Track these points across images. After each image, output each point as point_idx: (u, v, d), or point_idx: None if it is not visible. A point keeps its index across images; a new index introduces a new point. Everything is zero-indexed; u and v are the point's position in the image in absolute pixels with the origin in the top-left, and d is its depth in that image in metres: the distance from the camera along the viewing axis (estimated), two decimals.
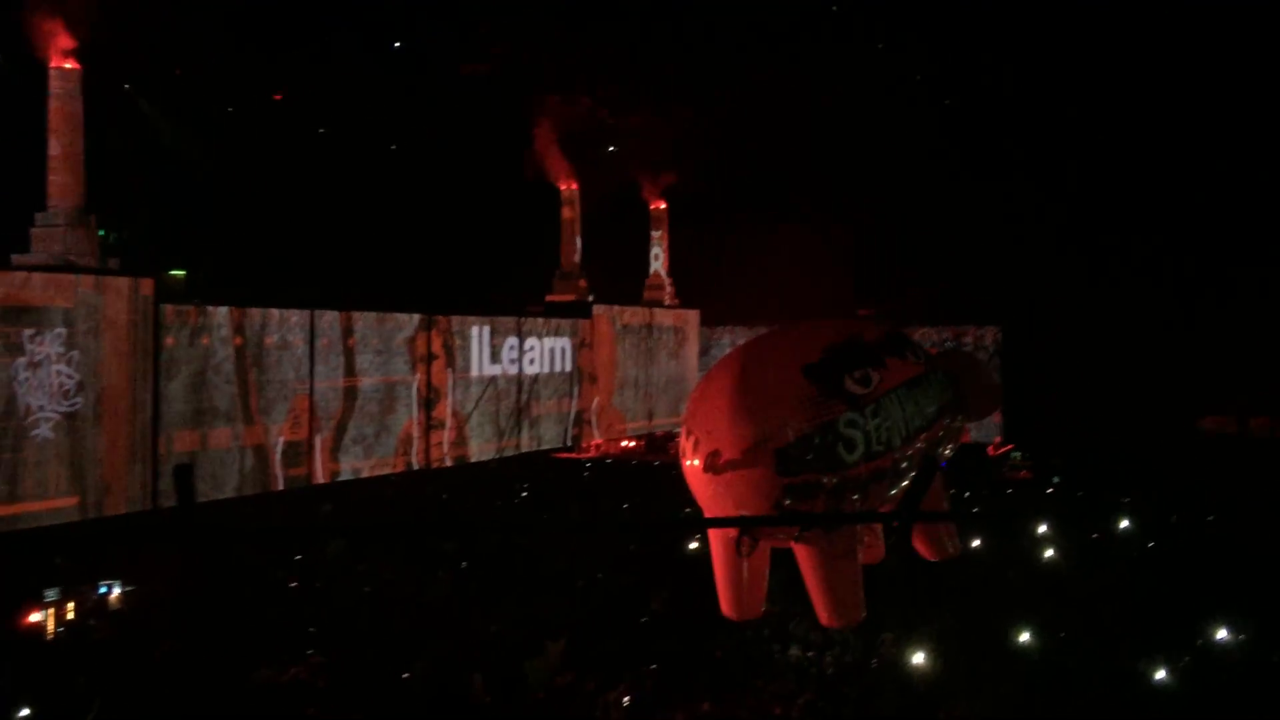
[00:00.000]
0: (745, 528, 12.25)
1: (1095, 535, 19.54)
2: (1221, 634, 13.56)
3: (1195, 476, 23.67)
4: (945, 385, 13.68)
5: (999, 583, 16.28)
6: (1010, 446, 29.81)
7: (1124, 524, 19.53)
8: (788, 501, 11.83)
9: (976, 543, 18.28)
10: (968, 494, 22.10)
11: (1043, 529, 18.81)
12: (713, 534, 13.33)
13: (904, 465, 12.76)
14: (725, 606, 13.17)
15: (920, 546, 14.62)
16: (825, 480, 11.89)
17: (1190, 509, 21.48)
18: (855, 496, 12.18)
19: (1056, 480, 25.77)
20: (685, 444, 12.62)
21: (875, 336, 13.17)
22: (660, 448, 32.16)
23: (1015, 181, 29.59)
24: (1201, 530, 19.09)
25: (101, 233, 19.95)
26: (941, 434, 13.58)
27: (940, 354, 14.51)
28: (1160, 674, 12.31)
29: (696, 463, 12.26)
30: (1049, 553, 17.85)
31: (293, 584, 16.59)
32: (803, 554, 12.70)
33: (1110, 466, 24.33)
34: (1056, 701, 11.37)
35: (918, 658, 12.32)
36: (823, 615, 12.81)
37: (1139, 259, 27.81)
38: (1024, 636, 13.37)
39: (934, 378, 13.46)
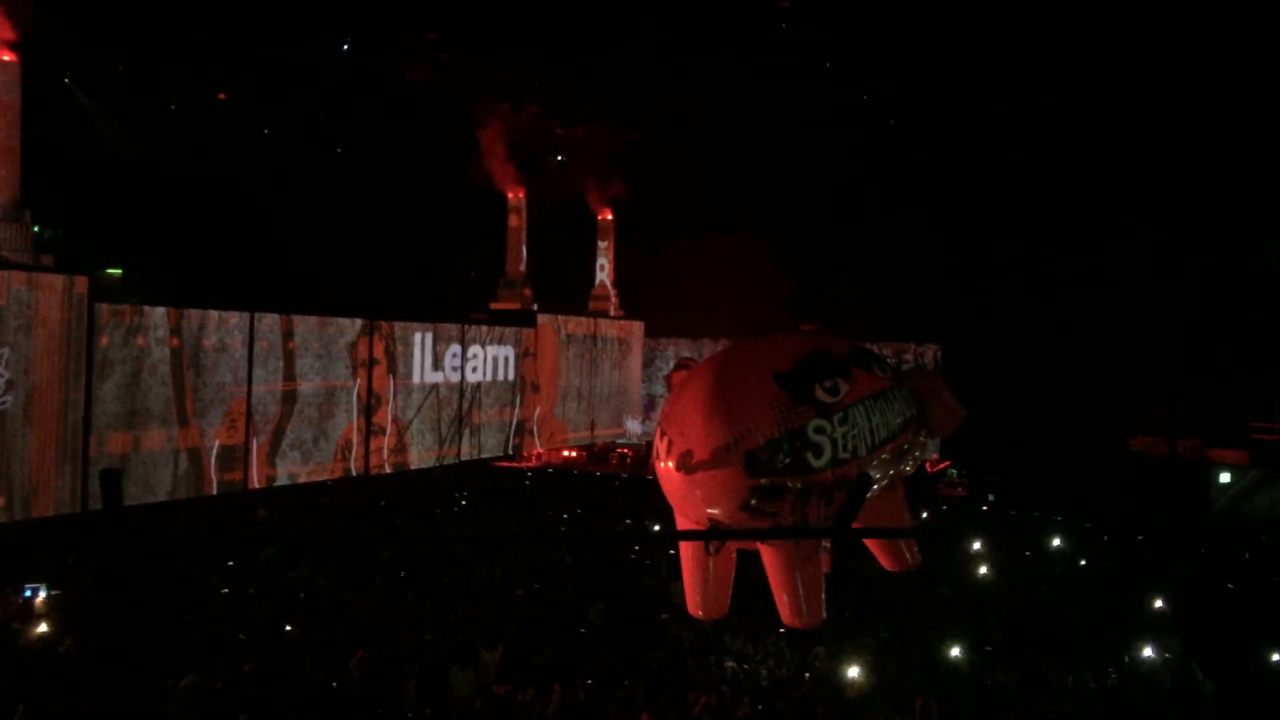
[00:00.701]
0: (714, 528, 12.56)
1: (1027, 553, 19.86)
2: (1147, 652, 13.82)
3: (1126, 496, 24.20)
4: (910, 401, 14.04)
5: (932, 598, 16.47)
6: (947, 464, 30.24)
7: (1055, 542, 19.88)
8: (754, 502, 12.15)
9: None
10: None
11: (976, 546, 19.10)
12: (683, 527, 13.60)
13: (870, 474, 13.16)
14: (692, 605, 13.64)
15: (881, 556, 15.00)
16: (792, 484, 12.23)
17: (1120, 528, 21.93)
18: (821, 501, 12.49)
19: (991, 498, 26.17)
20: (659, 444, 12.93)
21: (842, 350, 13.56)
22: (602, 458, 32.18)
23: (957, 201, 30.05)
24: (1131, 549, 19.47)
25: (36, 229, 19.59)
26: (905, 447, 13.94)
27: (906, 371, 14.90)
28: (1086, 689, 12.53)
29: (670, 463, 12.52)
30: (982, 569, 18.09)
31: (224, 590, 16.33)
32: (769, 555, 13.14)
33: (1043, 485, 24.75)
34: (984, 713, 11.52)
35: (851, 671, 12.42)
36: (786, 615, 13.26)
37: (1077, 281, 28.35)
38: (954, 651, 13.54)
39: (899, 393, 13.81)
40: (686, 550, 13.52)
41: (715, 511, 12.51)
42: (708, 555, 13.05)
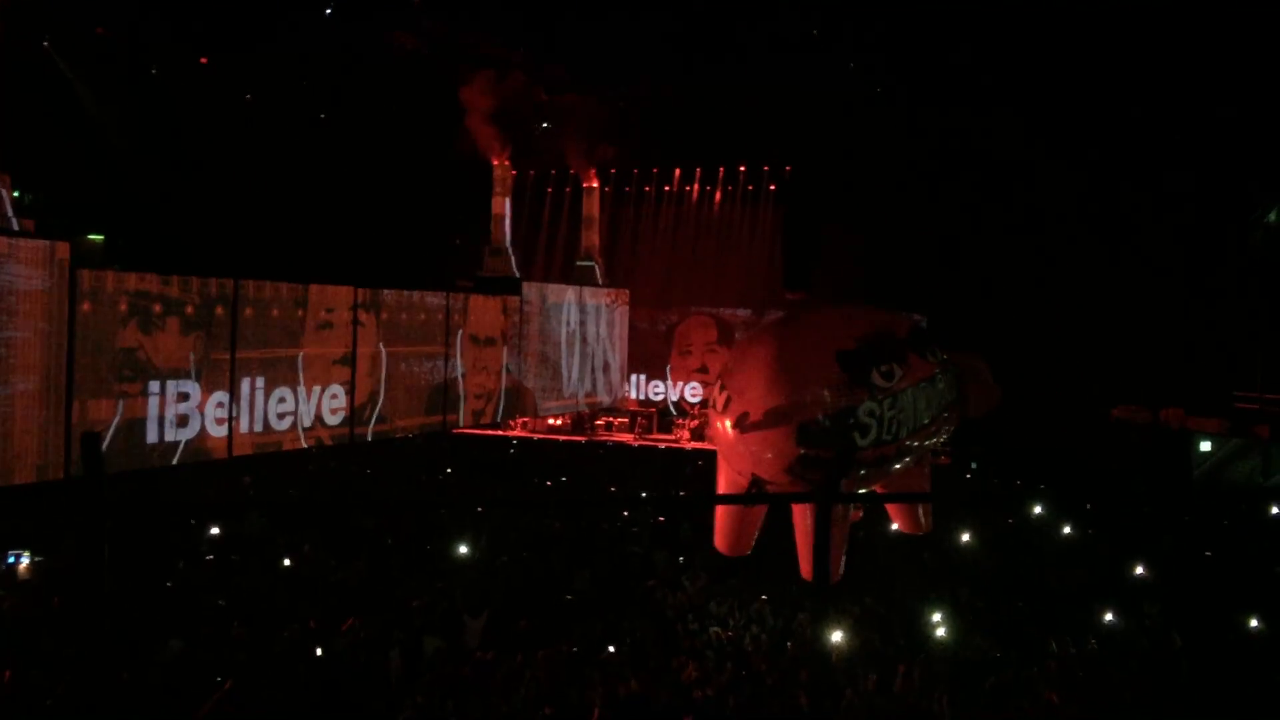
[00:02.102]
0: (757, 480, 13.39)
1: (1010, 520, 20.01)
2: (1127, 618, 13.97)
3: (1108, 464, 24.36)
4: (952, 384, 14.82)
5: (914, 565, 16.60)
6: None
7: (1037, 510, 20.03)
8: (797, 468, 12.92)
9: (895, 526, 18.60)
10: None
11: (959, 513, 19.22)
12: (724, 478, 14.35)
13: (904, 454, 14.03)
14: (719, 541, 14.67)
15: (897, 518, 16.01)
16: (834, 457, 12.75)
17: (1103, 496, 22.11)
18: (855, 474, 13.57)
19: (974, 466, 26.32)
20: (718, 398, 13.58)
21: (902, 332, 14.37)
22: (587, 426, 32.22)
23: (941, 170, 30.02)
24: (1113, 516, 19.63)
25: (16, 194, 19.39)
26: (941, 428, 14.79)
27: (952, 355, 15.45)
28: (1067, 655, 12.66)
29: (727, 419, 13.26)
30: (964, 537, 18.22)
31: (208, 557, 16.35)
32: (802, 512, 13.80)
33: (1026, 454, 24.91)
34: (965, 679, 11.64)
35: (834, 637, 12.54)
36: (808, 571, 13.77)
37: (1057, 250, 28.40)
38: (937, 618, 13.66)
39: (944, 377, 14.59)
40: (724, 490, 14.44)
41: (760, 469, 13.27)
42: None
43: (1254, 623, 13.63)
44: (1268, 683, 11.95)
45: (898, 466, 14.26)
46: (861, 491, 14.73)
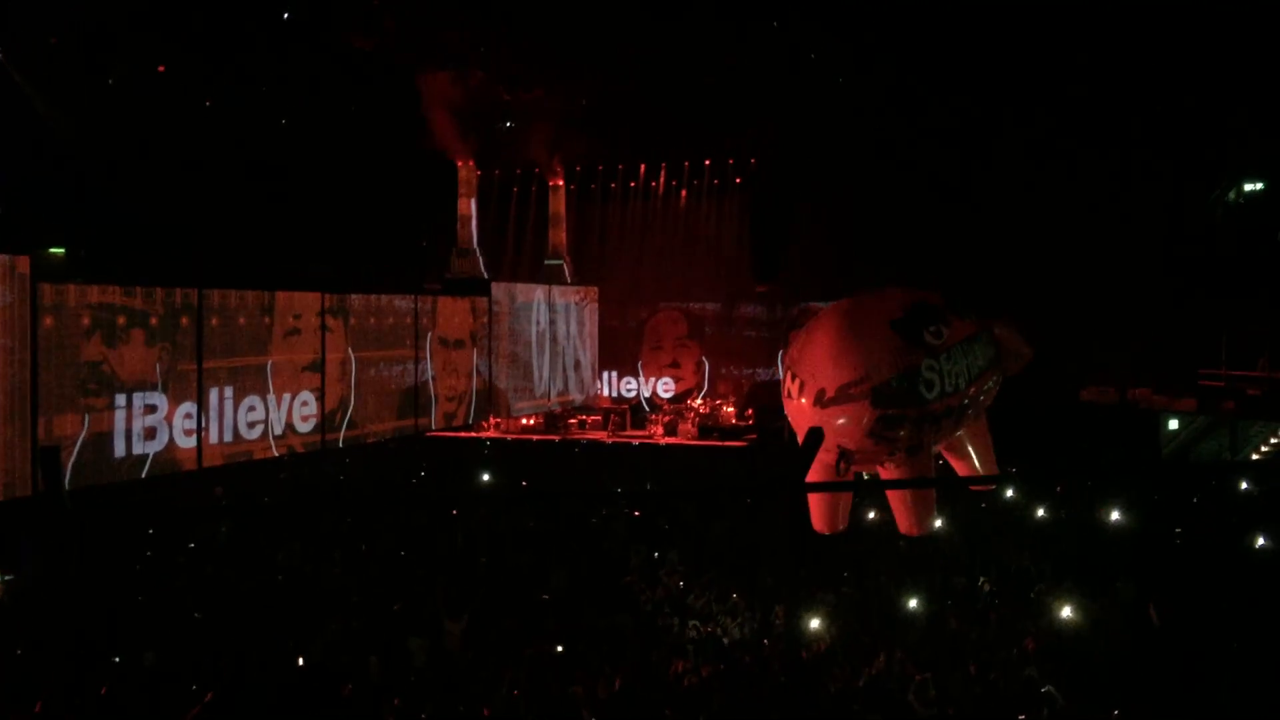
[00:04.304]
0: (844, 453, 14.83)
1: (983, 504, 20.11)
2: (1102, 597, 14.08)
3: (1078, 445, 24.55)
4: (990, 342, 16.48)
5: (890, 551, 16.67)
6: None
7: (1009, 493, 20.15)
8: (878, 429, 14.66)
9: (872, 515, 18.69)
10: None
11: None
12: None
13: (966, 404, 15.93)
14: (817, 522, 16.01)
15: (899, 518, 16.55)
16: (909, 413, 14.86)
17: (1073, 478, 22.25)
18: (931, 428, 15.32)
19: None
20: (790, 385, 15.25)
21: (937, 300, 15.93)
22: (560, 425, 32.17)
23: (909, 156, 30.15)
24: (1085, 499, 19.78)
25: None
26: (989, 384, 16.43)
27: (987, 318, 17.06)
28: (1043, 635, 12.75)
29: (805, 400, 14.87)
30: (938, 522, 18.29)
31: (181, 566, 16.21)
32: (889, 473, 15.69)
33: (996, 438, 25.03)
34: (942, 666, 11.69)
35: (811, 626, 12.59)
36: (904, 526, 16.09)
37: (1022, 233, 28.58)
38: (914, 603, 13.73)
39: (984, 335, 16.33)
40: (815, 472, 15.21)
41: (844, 439, 14.74)
42: (838, 475, 15.12)
43: (1226, 597, 13.76)
44: (1244, 657, 12.07)
45: (970, 413, 16.27)
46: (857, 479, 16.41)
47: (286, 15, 24.77)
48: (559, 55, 29.12)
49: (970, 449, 17.47)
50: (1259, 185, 28.82)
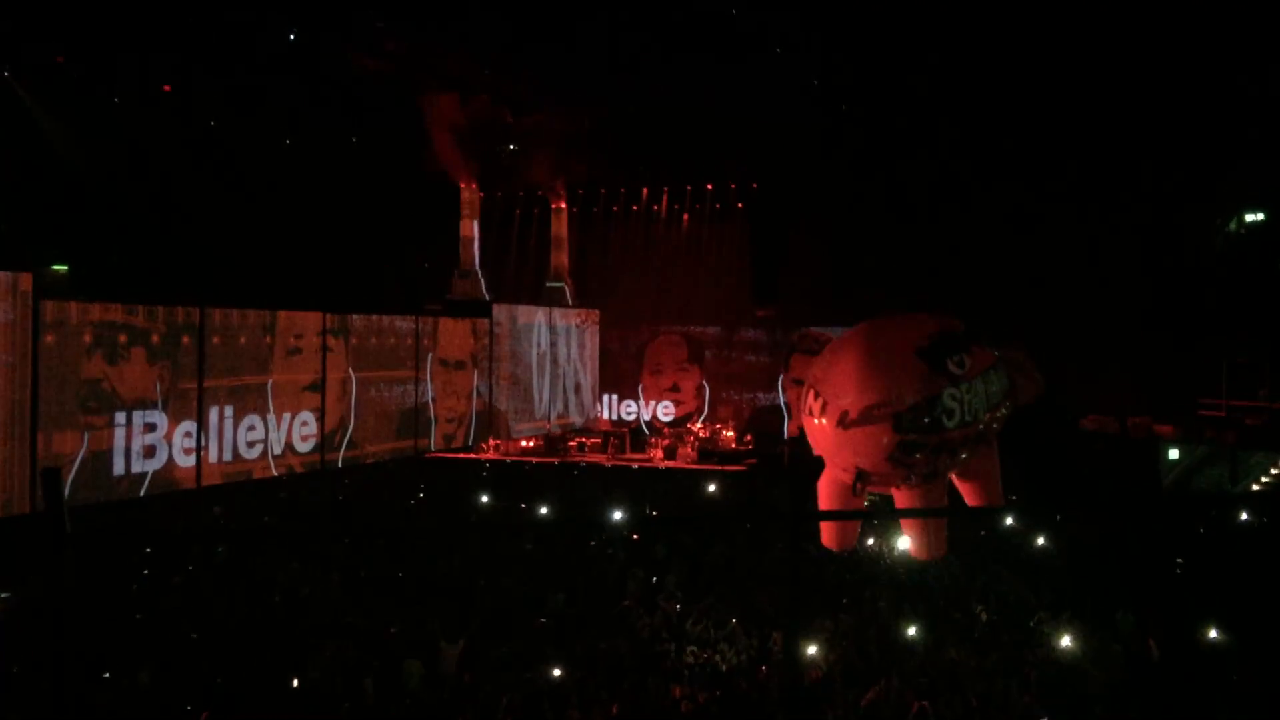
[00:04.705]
0: (861, 475, 15.09)
1: (982, 532, 20.07)
2: (1102, 627, 14.04)
3: (1078, 474, 24.50)
4: (1004, 372, 16.53)
5: (888, 578, 16.63)
6: None
7: (1008, 521, 20.10)
8: (897, 454, 14.76)
9: (870, 541, 18.66)
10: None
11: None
12: (829, 475, 15.92)
13: (981, 433, 15.96)
14: (827, 539, 16.36)
15: (912, 542, 16.97)
16: (928, 440, 14.92)
17: (1073, 506, 22.21)
18: (947, 455, 15.45)
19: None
20: (814, 404, 15.33)
21: (961, 329, 16.11)
22: (559, 447, 32.13)
23: (904, 185, 30.22)
24: (1084, 526, 19.73)
25: None
26: (1001, 413, 16.43)
27: (1002, 347, 17.17)
28: (1042, 664, 12.71)
29: (825, 420, 15.05)
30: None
31: (179, 588, 16.16)
32: (903, 497, 15.81)
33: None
34: (940, 694, 11.65)
35: (809, 653, 12.55)
36: (915, 550, 16.42)
37: (1025, 261, 28.62)
38: (912, 631, 13.69)
39: (1000, 366, 16.38)
40: (828, 490, 15.99)
41: (863, 461, 14.97)
42: (854, 495, 15.42)
43: (1219, 631, 13.70)
44: (1240, 689, 12.03)
45: (980, 445, 16.33)
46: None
47: (293, 36, 24.87)
48: (562, 79, 29.24)
49: (979, 476, 17.53)
50: (1260, 216, 28.88)
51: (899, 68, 28.73)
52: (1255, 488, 24.69)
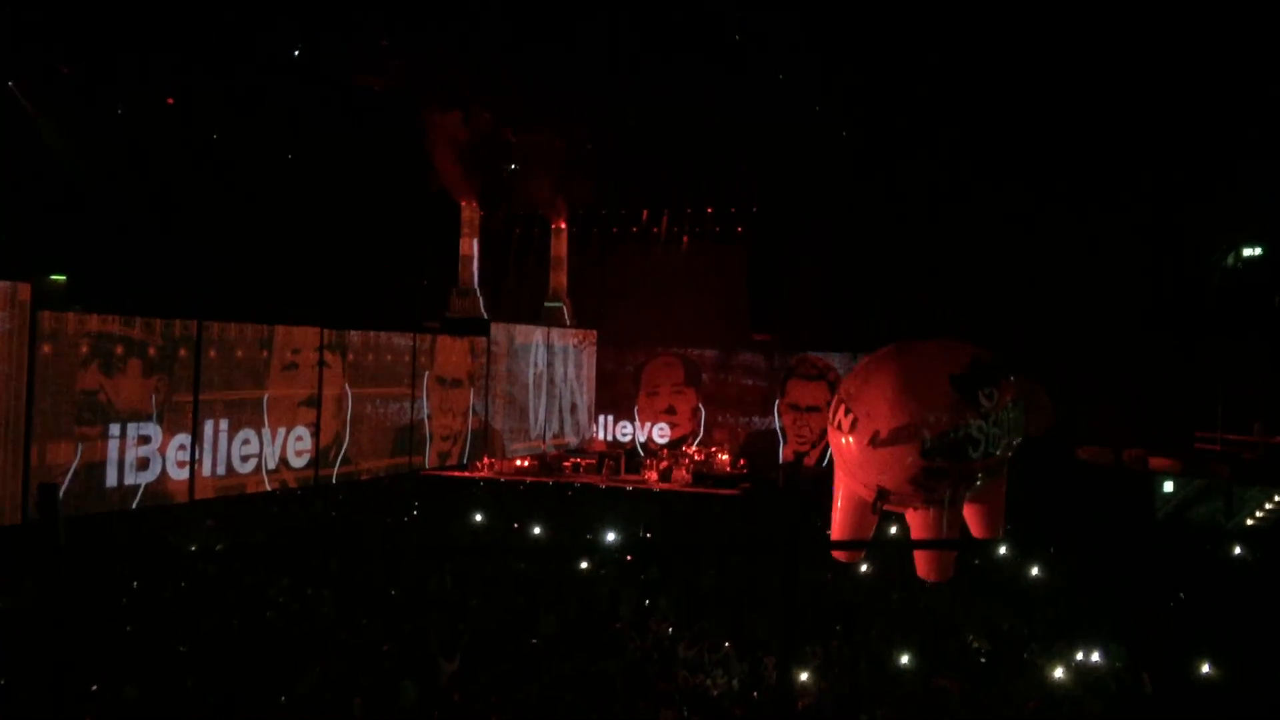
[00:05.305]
0: (882, 493, 15.40)
1: (976, 561, 20.03)
2: (1095, 658, 14.01)
3: (1071, 505, 24.47)
4: (1022, 405, 16.85)
5: (881, 606, 16.59)
6: None
7: (1002, 550, 20.07)
8: (921, 478, 15.08)
9: (865, 568, 18.62)
10: None
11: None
12: (849, 489, 16.35)
13: (998, 463, 16.36)
14: (837, 552, 17.28)
15: (975, 525, 17.48)
16: (952, 467, 15.24)
17: (1067, 537, 22.20)
18: (964, 484, 15.85)
19: None
20: (843, 419, 15.53)
21: (991, 360, 16.42)
22: (554, 467, 32.07)
23: (907, 210, 30.29)
24: (1078, 558, 19.71)
25: None
26: (1016, 442, 16.72)
27: (1019, 378, 17.33)
28: (1033, 695, 12.67)
29: (852, 437, 15.31)
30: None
31: (169, 602, 16.09)
32: (918, 517, 16.02)
33: None
34: None
35: (801, 678, 12.50)
36: (923, 571, 16.40)
37: (1022, 292, 28.67)
38: (903, 659, 13.64)
39: (1020, 399, 16.72)
40: (848, 503, 16.46)
41: (886, 481, 15.26)
42: (872, 513, 15.91)
43: (1211, 666, 13.66)
44: None
45: (993, 473, 16.61)
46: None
47: (297, 53, 24.97)
48: (563, 98, 29.33)
49: (985, 502, 17.63)
50: (1258, 250, 28.97)
51: (900, 93, 28.84)
52: (1250, 522, 24.68)
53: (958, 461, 15.20)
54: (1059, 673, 13.33)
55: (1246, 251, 29.20)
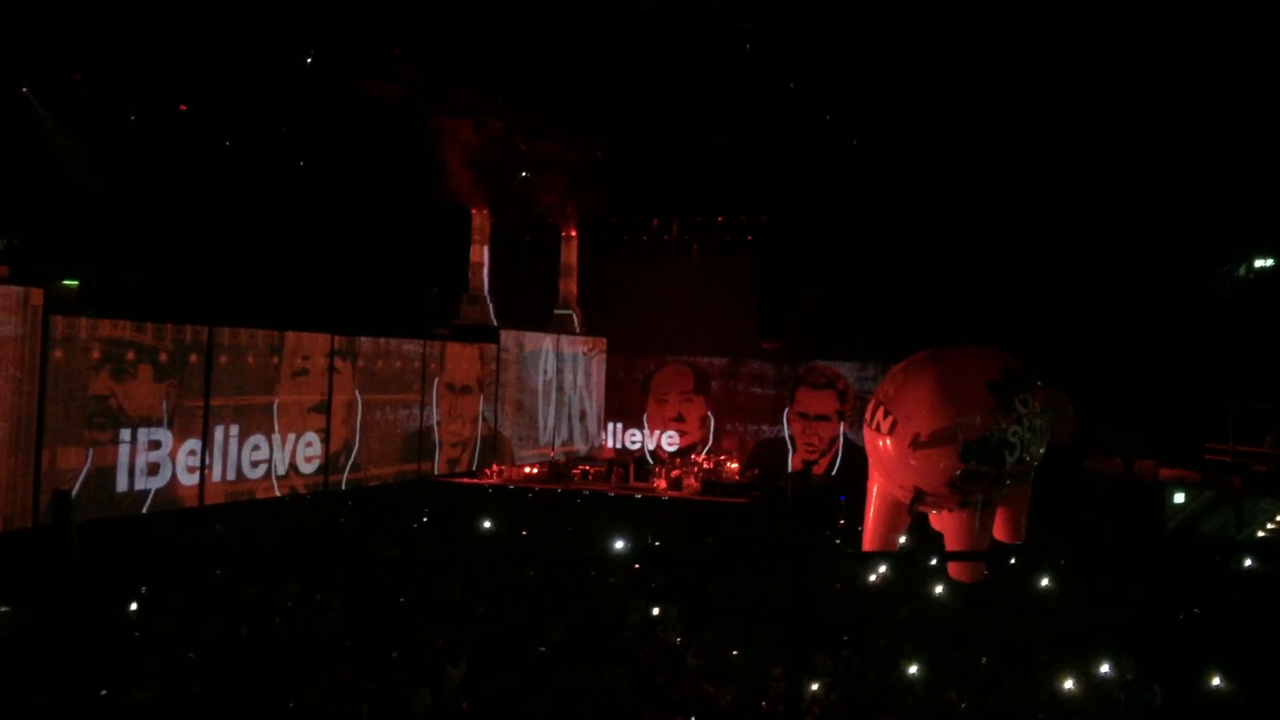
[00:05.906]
0: (919, 494, 15.88)
1: (985, 572, 19.95)
2: (1105, 670, 13.95)
3: (1082, 516, 24.41)
4: (1050, 414, 17.19)
5: (890, 617, 16.55)
6: None
7: (1011, 561, 20.02)
8: (958, 482, 15.57)
9: (873, 578, 18.57)
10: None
11: (934, 563, 19.17)
12: (883, 490, 16.74)
13: (1030, 471, 16.92)
14: (869, 545, 17.38)
15: (1000, 529, 17.77)
16: (988, 472, 15.70)
17: (1077, 548, 22.13)
18: (997, 489, 16.25)
19: None
20: (882, 421, 15.95)
21: (1022, 368, 16.77)
22: (563, 474, 32.08)
23: (912, 221, 30.27)
24: (1088, 568, 19.63)
25: None
26: (1044, 450, 17.08)
27: (1046, 388, 17.62)
28: (1044, 707, 12.62)
29: (890, 439, 15.75)
30: (939, 588, 18.19)
31: (178, 607, 16.12)
32: (953, 518, 16.46)
33: None
34: None
35: (809, 689, 12.48)
36: (955, 571, 17.10)
37: (1032, 303, 28.64)
38: (912, 670, 13.60)
39: (1049, 409, 17.02)
40: (881, 501, 16.87)
41: (923, 483, 15.72)
42: (908, 515, 16.41)
43: (1221, 679, 13.60)
44: None
45: (1022, 480, 17.09)
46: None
47: (310, 60, 25.02)
48: (575, 109, 29.34)
49: (1011, 506, 17.78)
50: (1270, 262, 28.87)
51: (910, 108, 28.80)
52: (1261, 534, 24.55)
53: (994, 466, 15.58)
54: (1069, 684, 13.27)
55: (1258, 263, 29.10)
